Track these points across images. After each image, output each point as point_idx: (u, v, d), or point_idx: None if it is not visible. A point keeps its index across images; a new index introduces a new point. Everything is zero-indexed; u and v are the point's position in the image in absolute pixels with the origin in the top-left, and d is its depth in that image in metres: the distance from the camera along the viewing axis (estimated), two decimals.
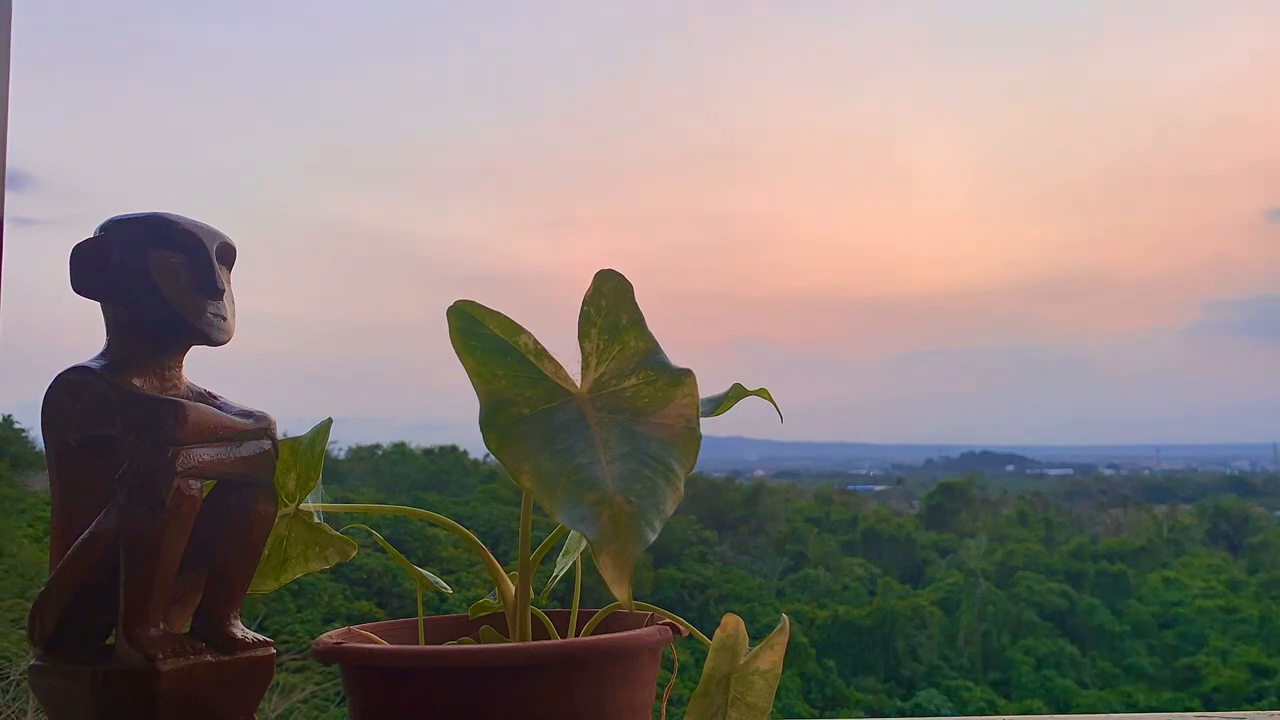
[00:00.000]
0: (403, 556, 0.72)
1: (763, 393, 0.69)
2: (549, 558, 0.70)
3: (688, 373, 0.58)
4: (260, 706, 0.67)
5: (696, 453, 0.55)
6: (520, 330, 0.60)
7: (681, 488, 0.52)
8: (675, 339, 0.62)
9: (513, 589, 0.66)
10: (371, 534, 0.73)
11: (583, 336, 0.60)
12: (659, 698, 0.65)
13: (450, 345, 0.59)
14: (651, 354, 0.59)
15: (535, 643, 0.62)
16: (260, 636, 0.67)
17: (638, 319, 0.61)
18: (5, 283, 0.71)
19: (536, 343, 0.60)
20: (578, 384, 0.59)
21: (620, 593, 0.48)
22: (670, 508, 0.51)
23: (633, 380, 0.58)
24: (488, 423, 0.54)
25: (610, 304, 0.61)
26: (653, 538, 0.49)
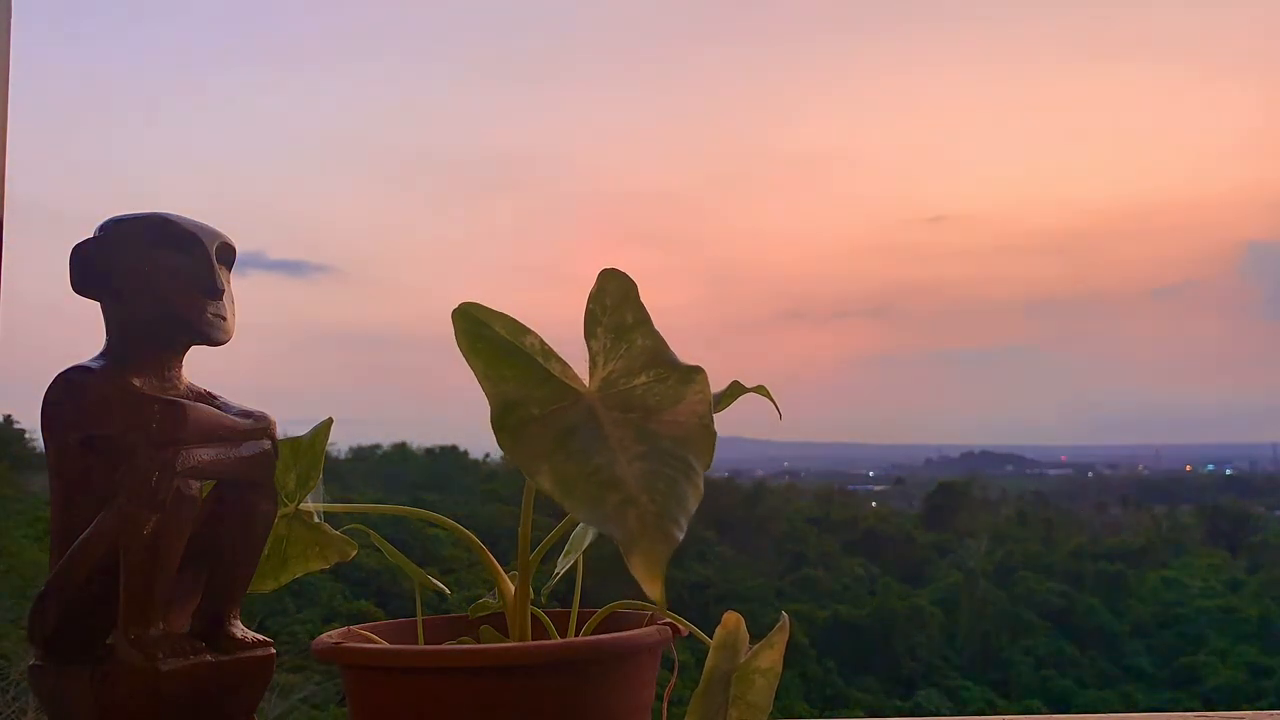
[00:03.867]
0: (402, 555, 0.72)
1: (761, 390, 0.68)
2: (549, 558, 0.70)
3: (698, 370, 0.58)
4: (260, 706, 0.67)
5: (712, 450, 0.54)
6: (526, 331, 0.59)
7: (701, 485, 0.52)
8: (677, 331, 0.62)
9: (513, 589, 0.66)
10: (370, 534, 0.73)
11: (589, 335, 0.60)
12: (659, 698, 0.65)
13: (454, 347, 0.58)
14: (660, 352, 0.59)
15: (535, 643, 0.62)
16: (260, 636, 0.67)
17: (644, 317, 0.61)
18: (5, 282, 0.71)
19: (543, 343, 0.60)
20: (586, 383, 0.59)
21: (653, 592, 0.48)
22: (693, 505, 0.51)
23: (642, 378, 0.58)
24: (499, 424, 0.54)
25: (615, 302, 0.61)
26: (680, 537, 0.49)
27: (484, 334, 0.58)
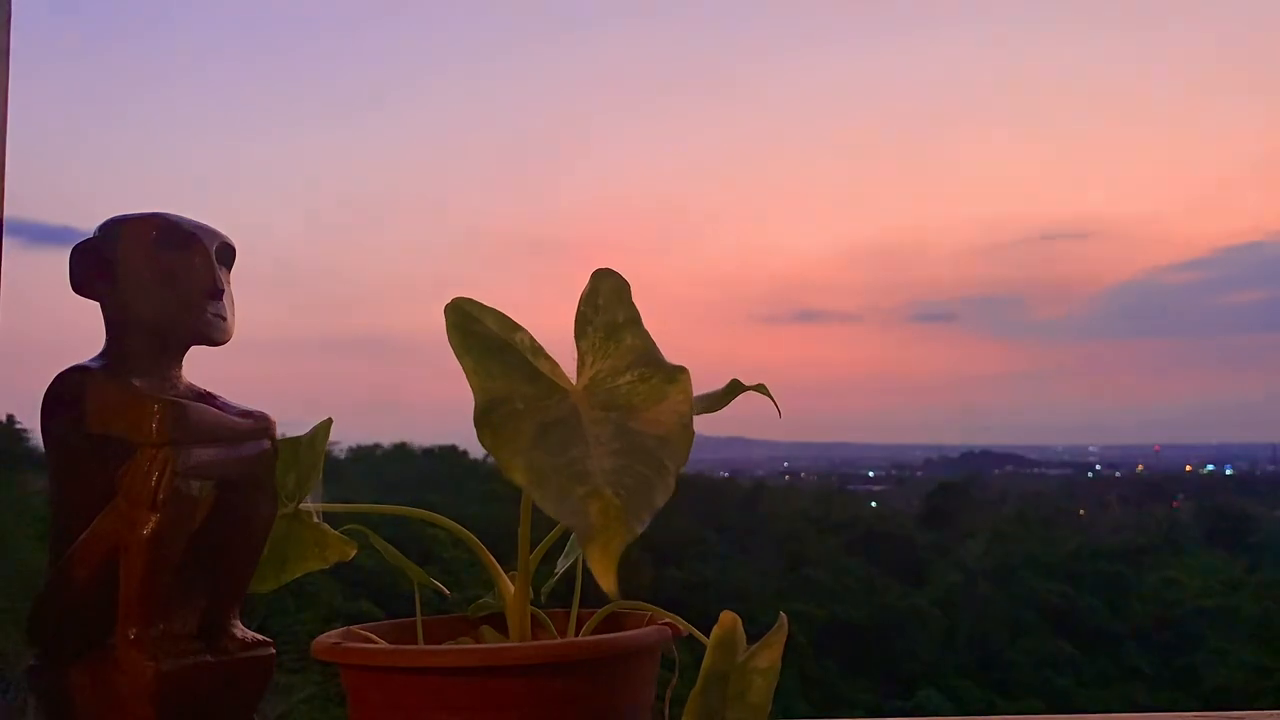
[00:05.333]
0: (402, 556, 0.72)
1: (760, 388, 0.68)
2: (549, 558, 0.70)
3: (682, 370, 0.58)
4: (260, 706, 0.67)
5: (688, 449, 0.55)
6: (517, 328, 0.60)
7: (672, 483, 0.53)
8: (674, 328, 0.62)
9: (512, 589, 0.66)
10: (368, 534, 0.73)
11: (579, 335, 0.60)
12: (659, 698, 0.65)
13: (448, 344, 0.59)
14: (647, 352, 0.60)
15: (534, 643, 0.62)
16: (260, 636, 0.67)
17: (634, 317, 0.61)
18: (5, 283, 0.71)
19: (533, 340, 0.60)
20: (574, 382, 0.59)
21: (606, 584, 0.48)
22: (660, 502, 0.51)
23: (627, 377, 0.58)
24: (482, 419, 0.54)
25: (607, 302, 0.61)
26: (640, 530, 0.50)
27: (475, 329, 0.58)
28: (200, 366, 0.67)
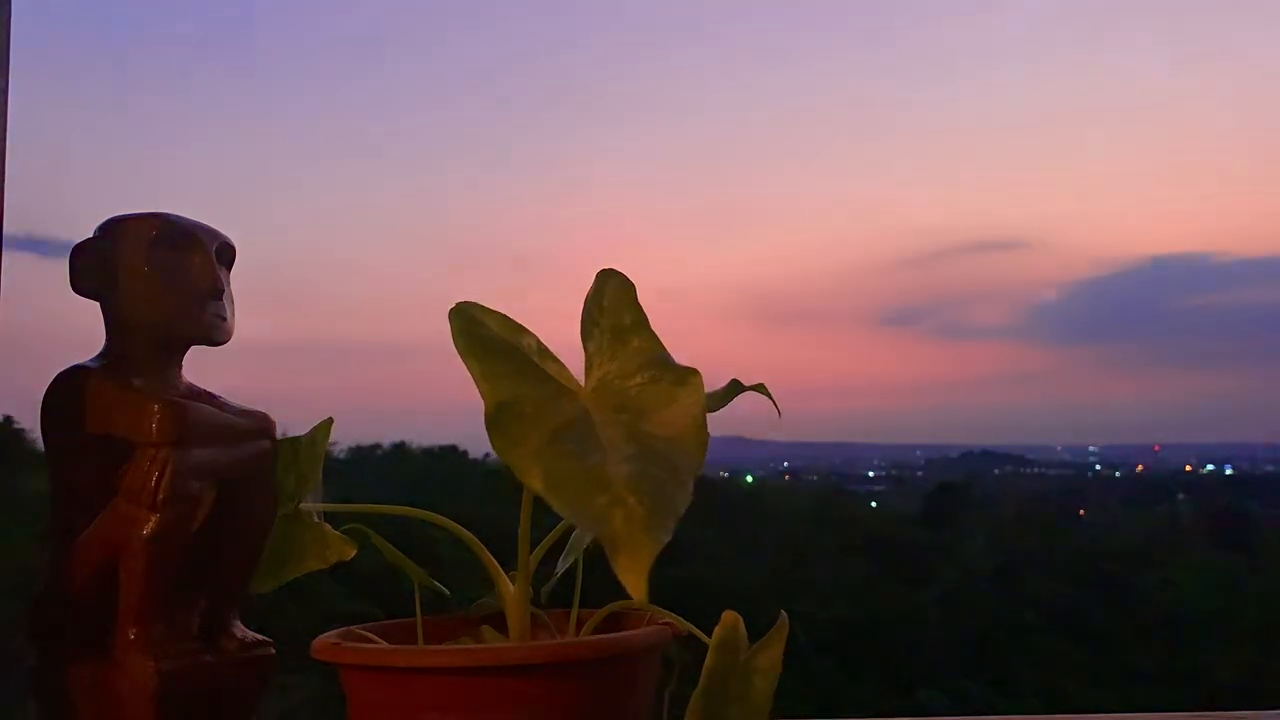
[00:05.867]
0: (402, 555, 0.72)
1: (760, 388, 0.68)
2: (549, 558, 0.70)
3: (693, 372, 0.58)
4: (260, 706, 0.67)
5: (704, 452, 0.54)
6: (523, 330, 0.60)
7: (690, 487, 0.52)
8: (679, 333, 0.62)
9: (512, 589, 0.66)
10: (368, 534, 0.73)
11: (586, 336, 0.60)
12: (659, 698, 0.65)
13: (451, 345, 0.59)
14: (656, 353, 0.59)
15: (534, 643, 0.62)
16: (260, 636, 0.67)
17: (641, 319, 0.61)
18: (5, 282, 0.71)
19: (539, 343, 0.60)
20: (581, 384, 0.59)
21: (637, 593, 0.48)
22: (681, 508, 0.51)
23: (637, 379, 0.58)
24: (492, 423, 0.54)
25: (613, 303, 0.61)
26: (666, 539, 0.49)
27: (480, 333, 0.58)
28: (200, 366, 0.67)
